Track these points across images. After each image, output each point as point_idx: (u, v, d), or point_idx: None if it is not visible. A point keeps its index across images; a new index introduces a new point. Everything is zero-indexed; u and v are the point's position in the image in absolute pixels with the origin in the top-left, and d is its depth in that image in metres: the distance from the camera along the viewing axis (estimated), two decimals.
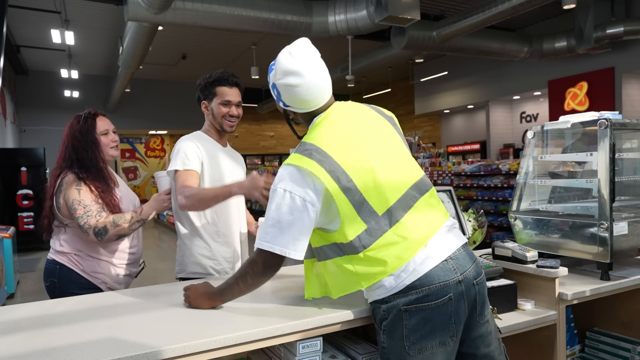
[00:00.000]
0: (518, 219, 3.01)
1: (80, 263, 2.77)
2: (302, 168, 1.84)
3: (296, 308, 2.05)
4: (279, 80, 1.99)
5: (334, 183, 1.82)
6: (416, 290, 1.80)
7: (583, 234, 2.68)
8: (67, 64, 14.49)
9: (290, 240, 1.85)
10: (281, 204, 1.86)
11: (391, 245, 1.83)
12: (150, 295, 2.36)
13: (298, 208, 1.84)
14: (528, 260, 2.52)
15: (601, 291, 2.55)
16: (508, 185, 9.38)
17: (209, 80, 2.88)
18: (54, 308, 2.18)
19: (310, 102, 2.00)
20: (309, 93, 1.98)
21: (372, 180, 1.86)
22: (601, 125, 2.59)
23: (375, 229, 1.83)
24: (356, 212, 1.83)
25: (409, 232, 1.85)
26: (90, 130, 2.82)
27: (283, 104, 2.06)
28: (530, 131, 3.07)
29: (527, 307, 2.46)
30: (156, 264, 10.14)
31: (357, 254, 1.85)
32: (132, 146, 21.90)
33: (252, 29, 9.48)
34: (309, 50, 2.01)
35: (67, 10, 11.16)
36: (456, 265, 1.86)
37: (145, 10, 8.11)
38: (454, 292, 1.82)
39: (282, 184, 1.87)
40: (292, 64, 1.96)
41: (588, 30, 10.95)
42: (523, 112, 16.20)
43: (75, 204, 2.65)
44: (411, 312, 1.81)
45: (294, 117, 2.12)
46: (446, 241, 1.92)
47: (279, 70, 1.98)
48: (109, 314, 2.07)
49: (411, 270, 1.81)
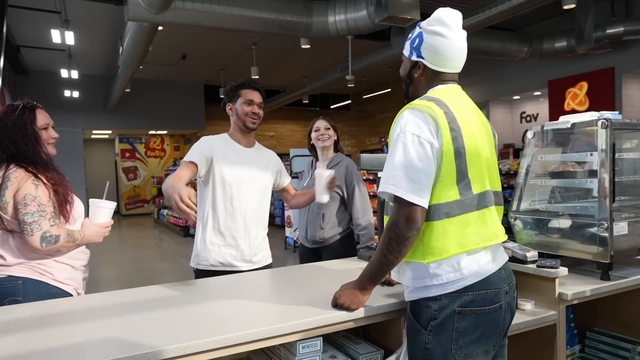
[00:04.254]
0: (518, 219, 3.01)
1: (48, 271, 2.50)
2: (431, 112, 1.80)
3: (296, 308, 2.05)
4: (430, 26, 1.96)
5: (450, 141, 1.79)
6: (472, 292, 1.79)
7: (583, 233, 2.68)
8: (67, 64, 14.49)
9: (423, 189, 1.77)
10: (409, 149, 1.78)
11: (471, 226, 1.82)
12: (150, 295, 2.36)
13: (427, 155, 1.78)
14: (528, 260, 2.52)
15: (601, 291, 2.55)
16: (508, 185, 9.38)
17: (234, 85, 3.13)
18: (54, 308, 2.18)
19: (448, 61, 1.97)
20: (452, 50, 1.95)
21: (479, 158, 1.87)
22: (601, 125, 2.59)
23: (465, 204, 1.82)
24: (456, 180, 1.81)
25: (489, 223, 1.87)
26: (29, 123, 2.56)
27: (417, 54, 2.00)
28: (531, 131, 3.07)
29: (527, 307, 2.46)
30: (156, 264, 10.14)
31: (436, 220, 1.80)
32: (132, 146, 21.89)
33: (252, 29, 9.47)
34: (460, 19, 2.00)
35: (67, 10, 11.15)
36: (505, 276, 1.89)
37: (145, 10, 8.10)
38: (504, 301, 1.84)
39: (409, 126, 1.81)
40: (449, 18, 1.95)
41: (588, 30, 10.94)
42: (523, 112, 16.20)
43: (29, 199, 2.39)
44: (464, 314, 1.79)
45: (417, 77, 2.04)
46: (500, 252, 1.96)
47: (433, 18, 1.96)
48: (109, 314, 2.07)
49: (474, 270, 1.80)
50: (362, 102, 22.63)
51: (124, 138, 21.74)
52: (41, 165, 2.54)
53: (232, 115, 3.12)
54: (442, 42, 1.94)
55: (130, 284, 2.98)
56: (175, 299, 2.25)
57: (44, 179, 2.48)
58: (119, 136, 21.67)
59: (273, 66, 16.67)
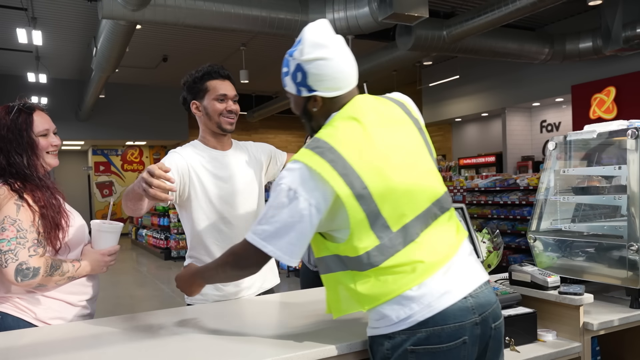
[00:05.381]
0: (538, 240, 3.01)
1: (30, 309, 2.38)
2: (311, 168, 1.79)
3: (267, 344, 2.05)
4: (306, 55, 1.92)
5: (346, 188, 1.77)
6: (427, 328, 1.76)
7: (610, 256, 2.68)
8: (34, 66, 14.54)
9: (285, 245, 1.82)
10: (283, 203, 1.81)
11: (403, 266, 1.80)
12: (128, 324, 2.36)
13: (300, 211, 1.79)
14: (549, 286, 2.52)
15: (630, 320, 2.54)
16: (527, 202, 9.40)
17: (197, 75, 2.80)
18: (20, 339, 2.17)
19: (340, 82, 1.95)
20: (340, 69, 1.93)
21: (389, 190, 1.82)
22: (631, 135, 2.60)
23: (387, 247, 1.79)
24: (369, 224, 1.79)
25: (424, 254, 1.82)
26: (24, 128, 2.41)
27: (308, 89, 1.96)
28: (552, 142, 3.08)
29: (548, 339, 2.46)
30: (134, 291, 10.12)
31: (363, 271, 1.81)
32: (107, 158, 21.90)
33: (241, 28, 9.52)
34: (331, 28, 1.99)
35: (34, 7, 11.21)
36: (475, 305, 1.82)
37: (122, 7, 8.14)
38: (469, 335, 1.79)
39: (288, 180, 1.82)
40: (322, 37, 1.93)
41: (616, 29, 11.00)
42: (543, 120, 16.26)
43: (8, 223, 2.24)
44: (419, 353, 1.77)
45: (317, 111, 2.02)
46: (468, 273, 1.89)
47: (306, 44, 1.93)
48: (80, 346, 2.07)
49: (426, 303, 1.77)
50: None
51: (97, 150, 21.74)
52: (32, 181, 2.39)
53: (201, 116, 2.82)
54: (328, 65, 1.92)
55: (105, 312, 2.93)
56: (155, 329, 2.25)
57: (29, 200, 2.33)
58: (92, 147, 21.66)
59: (264, 70, 16.73)
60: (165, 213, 14.64)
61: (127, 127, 19.63)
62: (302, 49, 1.93)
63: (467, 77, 16.69)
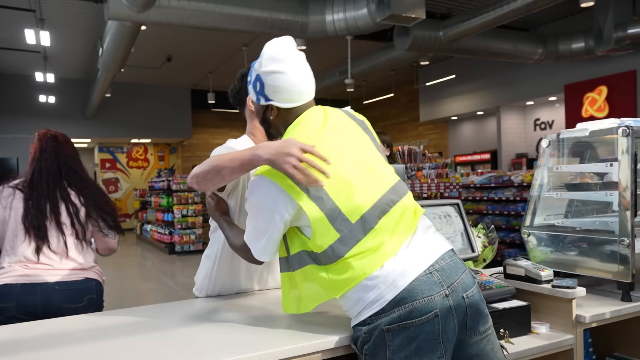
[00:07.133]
0: (532, 235, 3.01)
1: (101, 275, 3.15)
2: (272, 180, 1.92)
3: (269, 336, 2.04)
4: (264, 67, 2.07)
5: (302, 194, 1.88)
6: (399, 307, 1.81)
7: (602, 251, 2.68)
8: (42, 66, 14.50)
9: (262, 246, 2.02)
10: (258, 213, 2.00)
11: (365, 252, 1.87)
12: (133, 317, 2.35)
13: (268, 220, 1.95)
14: (543, 279, 2.52)
15: (622, 313, 2.55)
16: (521, 199, 9.39)
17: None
18: (28, 332, 2.18)
19: (294, 95, 2.08)
20: (295, 83, 2.07)
21: (344, 186, 1.91)
22: (622, 133, 2.61)
23: (348, 238, 1.88)
24: (329, 221, 1.88)
25: (384, 238, 1.89)
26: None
27: (265, 98, 2.11)
28: (545, 140, 3.08)
29: (541, 331, 2.46)
30: (139, 284, 10.12)
31: (332, 263, 1.89)
32: (113, 156, 21.90)
33: (243, 29, 9.51)
34: (293, 44, 2.14)
35: (42, 8, 11.19)
36: (442, 277, 1.87)
37: (127, 8, 8.13)
38: (440, 307, 1.83)
39: (255, 195, 2.00)
40: (279, 52, 2.07)
41: (608, 30, 10.99)
42: (537, 119, 16.25)
43: None
44: (394, 331, 1.81)
45: (274, 119, 2.16)
46: (428, 246, 1.95)
47: (265, 57, 2.08)
48: (88, 338, 2.08)
49: (391, 281, 1.83)
50: (362, 108, 22.65)
51: (104, 147, 21.74)
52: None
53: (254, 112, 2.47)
54: (283, 79, 2.06)
55: (111, 305, 2.97)
56: (160, 322, 2.25)
57: None
58: (98, 145, 21.67)
59: None
60: (169, 209, 14.62)
61: (133, 125, 19.61)
62: (261, 61, 2.10)
63: (463, 76, 16.69)
